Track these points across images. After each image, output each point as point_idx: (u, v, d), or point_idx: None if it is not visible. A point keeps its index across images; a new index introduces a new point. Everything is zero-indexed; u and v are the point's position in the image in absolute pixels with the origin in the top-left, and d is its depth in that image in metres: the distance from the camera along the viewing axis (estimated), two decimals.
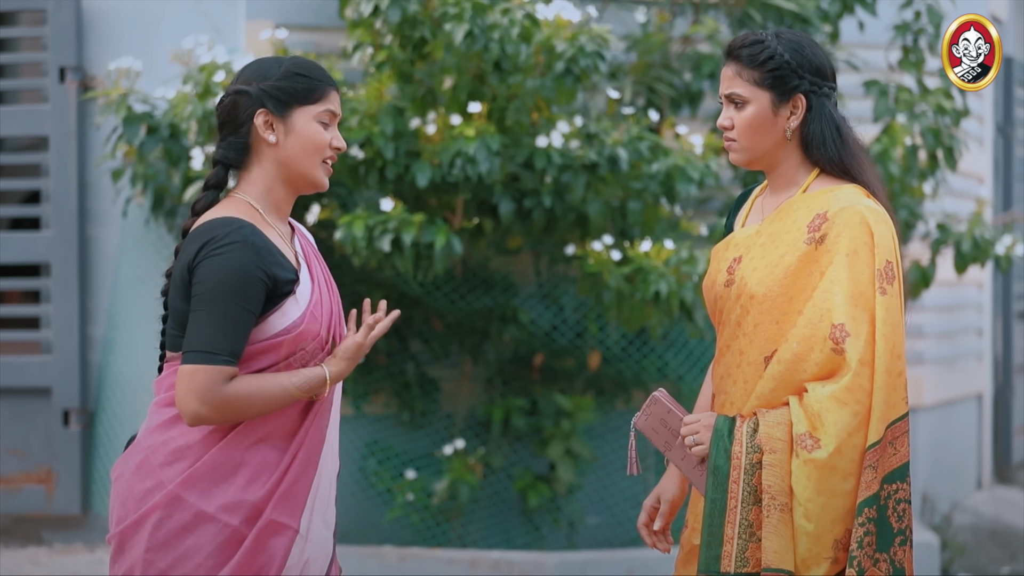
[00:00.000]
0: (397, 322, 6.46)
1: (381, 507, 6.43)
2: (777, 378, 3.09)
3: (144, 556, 2.93)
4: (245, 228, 2.95)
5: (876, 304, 3.06)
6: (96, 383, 6.53)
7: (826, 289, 3.07)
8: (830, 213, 3.11)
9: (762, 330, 3.13)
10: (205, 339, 2.89)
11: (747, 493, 3.06)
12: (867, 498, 3.03)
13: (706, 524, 3.10)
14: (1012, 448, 9.48)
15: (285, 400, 2.96)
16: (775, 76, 3.15)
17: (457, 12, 5.55)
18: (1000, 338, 9.36)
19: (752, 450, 3.07)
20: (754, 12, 6.34)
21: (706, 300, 3.32)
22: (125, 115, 5.88)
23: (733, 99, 3.18)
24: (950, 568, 7.26)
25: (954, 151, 6.47)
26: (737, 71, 3.18)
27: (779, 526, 3.03)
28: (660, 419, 3.23)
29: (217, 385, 2.89)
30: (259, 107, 3.02)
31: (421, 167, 5.70)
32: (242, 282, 2.91)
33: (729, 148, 3.22)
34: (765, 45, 3.16)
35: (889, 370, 3.05)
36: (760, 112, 3.16)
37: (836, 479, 3.02)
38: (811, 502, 3.01)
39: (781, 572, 3.02)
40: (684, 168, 5.80)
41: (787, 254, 3.13)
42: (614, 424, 6.59)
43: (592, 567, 6.15)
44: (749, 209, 3.32)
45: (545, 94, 5.73)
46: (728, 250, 3.26)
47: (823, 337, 3.04)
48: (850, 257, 3.07)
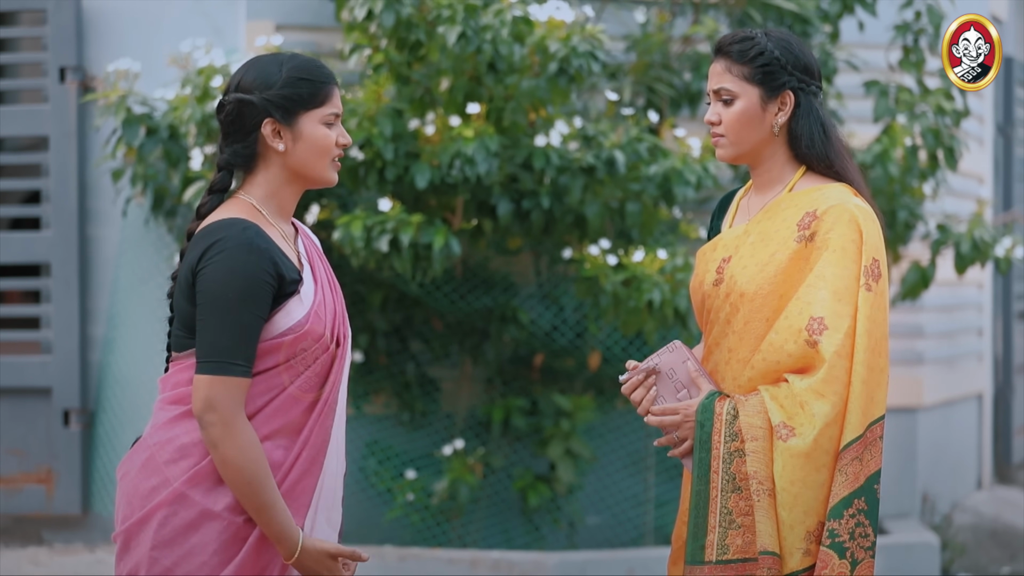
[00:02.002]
0: (397, 322, 6.46)
1: (381, 507, 6.43)
2: (757, 367, 3.13)
3: (149, 554, 2.93)
4: (250, 230, 2.94)
5: (860, 300, 3.10)
6: (96, 383, 6.54)
7: (811, 284, 3.11)
8: (819, 211, 3.14)
9: (752, 328, 3.16)
10: (219, 347, 2.89)
11: (726, 481, 3.10)
12: (855, 490, 3.06)
13: (692, 516, 3.15)
14: (1012, 448, 9.48)
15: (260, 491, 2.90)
16: (765, 72, 3.18)
17: (450, 14, 5.56)
18: (1000, 338, 9.36)
19: (730, 438, 3.10)
20: (754, 12, 6.34)
21: (693, 300, 3.34)
22: (124, 117, 5.88)
23: (722, 94, 3.20)
24: (950, 568, 7.26)
25: (954, 151, 6.47)
26: (727, 67, 3.20)
27: (769, 511, 3.07)
28: (670, 368, 3.23)
29: (233, 396, 2.90)
30: (265, 117, 3.01)
31: (420, 168, 5.70)
32: (249, 286, 2.91)
33: (716, 144, 3.24)
34: (755, 41, 3.19)
35: (870, 365, 3.09)
36: (749, 107, 3.19)
37: (810, 469, 3.06)
38: (785, 492, 3.06)
39: (775, 555, 3.06)
40: (681, 171, 5.81)
41: (778, 252, 3.16)
42: (614, 424, 6.59)
43: (592, 567, 6.15)
44: (735, 210, 3.35)
45: (540, 95, 5.74)
46: (716, 251, 3.29)
47: (799, 329, 3.08)
48: (837, 253, 3.11)
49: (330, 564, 2.98)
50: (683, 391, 3.21)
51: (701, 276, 3.29)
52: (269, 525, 2.92)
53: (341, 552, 2.99)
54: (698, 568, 3.12)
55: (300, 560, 2.95)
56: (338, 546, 3.00)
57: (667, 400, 3.22)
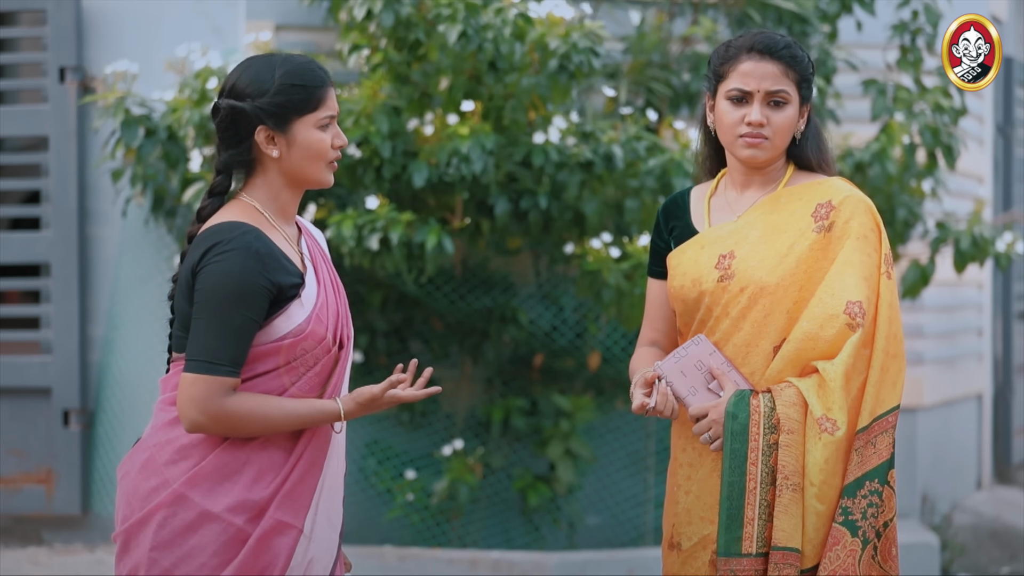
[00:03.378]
0: (396, 322, 6.46)
1: (381, 507, 6.43)
2: (787, 358, 3.17)
3: (148, 555, 2.93)
4: (249, 233, 2.94)
5: (882, 287, 3.18)
6: (96, 383, 6.54)
7: (839, 270, 3.17)
8: (835, 201, 3.22)
9: (773, 320, 3.20)
10: (206, 348, 2.90)
11: (765, 474, 3.13)
12: (870, 471, 3.12)
13: (724, 506, 3.15)
14: (1012, 448, 9.48)
15: (286, 425, 2.95)
16: (807, 80, 3.28)
17: (451, 13, 5.56)
18: (1000, 338, 9.35)
19: (769, 430, 3.13)
20: (753, 12, 6.35)
21: (679, 301, 3.33)
22: (123, 119, 5.89)
23: (779, 96, 3.23)
24: (950, 568, 7.26)
25: (953, 150, 6.47)
26: (784, 70, 3.24)
27: (790, 506, 3.10)
28: (697, 360, 3.22)
29: (216, 396, 2.90)
30: (258, 124, 3.00)
31: (418, 167, 5.70)
32: (243, 289, 2.91)
33: (757, 145, 3.24)
34: (798, 48, 3.27)
35: (889, 352, 3.16)
36: (794, 114, 3.26)
37: (841, 457, 3.12)
38: (825, 484, 3.10)
39: (791, 551, 3.09)
40: (680, 162, 5.81)
41: (797, 243, 3.21)
42: (614, 424, 6.59)
43: (592, 567, 6.15)
44: (707, 209, 3.35)
45: (540, 92, 5.74)
46: (705, 248, 3.29)
47: (837, 314, 3.14)
48: (861, 241, 3.19)
49: (381, 402, 3.00)
50: (714, 381, 3.21)
51: (692, 275, 3.29)
52: (306, 423, 2.96)
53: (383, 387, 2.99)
54: (735, 561, 3.14)
55: (352, 416, 2.99)
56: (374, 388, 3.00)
57: (699, 391, 3.21)
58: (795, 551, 3.09)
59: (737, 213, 3.30)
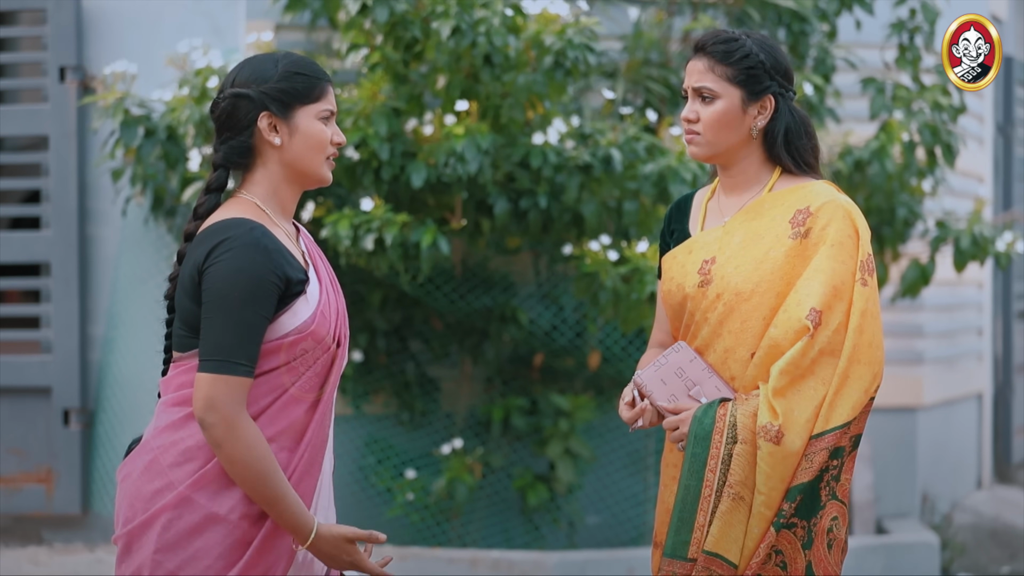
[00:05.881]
0: (396, 322, 6.46)
1: (381, 506, 6.43)
2: (759, 365, 3.15)
3: (153, 557, 2.92)
4: (256, 230, 2.94)
5: (855, 294, 3.13)
6: (96, 383, 6.54)
7: (808, 277, 3.13)
8: (812, 207, 3.18)
9: (750, 326, 3.17)
10: (221, 347, 2.88)
11: (721, 484, 3.10)
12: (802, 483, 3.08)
13: (677, 508, 3.14)
14: (1012, 448, 9.48)
15: (265, 487, 2.89)
16: (749, 74, 3.20)
17: (444, 9, 5.56)
18: (1000, 338, 9.36)
19: (731, 440, 3.11)
20: (752, 10, 6.35)
21: (667, 305, 3.33)
22: (122, 119, 5.89)
23: (702, 93, 3.21)
24: (950, 568, 7.26)
25: (952, 148, 6.47)
26: (710, 66, 3.21)
27: (728, 515, 3.08)
28: (678, 367, 3.22)
29: (234, 396, 2.88)
30: (262, 110, 3.00)
31: (416, 167, 5.70)
32: (255, 286, 2.90)
33: (691, 141, 3.25)
34: (740, 43, 3.21)
35: (855, 359, 3.11)
36: (729, 108, 3.21)
37: (790, 464, 3.07)
38: (775, 491, 3.07)
39: (717, 557, 3.08)
40: (677, 169, 5.81)
41: (772, 249, 3.18)
42: (614, 424, 6.59)
43: (592, 567, 6.15)
44: (704, 213, 3.34)
45: (537, 89, 5.74)
46: (692, 253, 3.28)
47: (799, 318, 3.10)
48: (835, 248, 3.14)
49: (348, 548, 2.98)
50: (695, 387, 3.20)
51: (679, 280, 3.28)
52: (282, 516, 2.92)
53: (358, 535, 2.98)
54: (679, 563, 3.11)
55: (316, 545, 2.95)
56: (354, 529, 2.98)
57: (679, 398, 3.20)
58: (722, 559, 3.06)
59: (725, 218, 3.29)
